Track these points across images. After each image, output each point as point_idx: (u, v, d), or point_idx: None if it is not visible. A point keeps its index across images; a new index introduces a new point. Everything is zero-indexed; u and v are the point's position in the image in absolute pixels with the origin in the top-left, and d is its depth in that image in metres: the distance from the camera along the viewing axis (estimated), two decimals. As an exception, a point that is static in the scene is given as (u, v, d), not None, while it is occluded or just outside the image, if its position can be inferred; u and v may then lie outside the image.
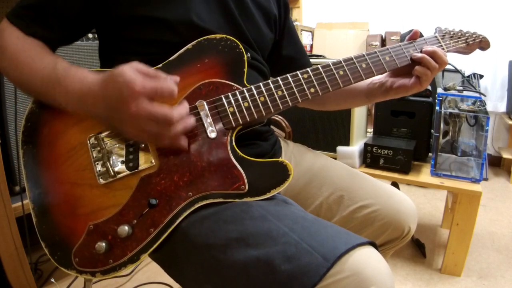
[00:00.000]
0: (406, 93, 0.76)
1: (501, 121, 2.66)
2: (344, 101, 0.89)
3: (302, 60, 0.91)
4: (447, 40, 0.79)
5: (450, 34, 0.80)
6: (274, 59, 0.87)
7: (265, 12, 0.79)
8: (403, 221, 0.76)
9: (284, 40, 0.88)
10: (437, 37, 0.78)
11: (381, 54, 0.71)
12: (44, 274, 1.39)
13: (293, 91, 0.65)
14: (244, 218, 0.55)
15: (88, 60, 1.33)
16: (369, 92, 0.82)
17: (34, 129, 0.61)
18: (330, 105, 0.93)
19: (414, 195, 2.21)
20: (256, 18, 0.76)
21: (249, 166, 0.60)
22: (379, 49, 0.72)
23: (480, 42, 0.83)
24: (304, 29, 2.69)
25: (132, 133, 0.55)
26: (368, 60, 0.70)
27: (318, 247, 0.49)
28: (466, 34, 0.82)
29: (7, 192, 1.10)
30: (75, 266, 0.55)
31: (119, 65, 0.53)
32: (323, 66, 0.67)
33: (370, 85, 0.81)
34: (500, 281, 1.40)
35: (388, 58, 0.71)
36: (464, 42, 0.81)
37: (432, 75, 0.72)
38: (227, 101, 0.63)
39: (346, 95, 0.87)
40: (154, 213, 0.57)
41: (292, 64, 0.90)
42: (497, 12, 2.42)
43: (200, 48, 0.65)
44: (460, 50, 0.82)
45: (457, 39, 0.80)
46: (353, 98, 0.86)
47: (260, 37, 0.77)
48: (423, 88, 0.74)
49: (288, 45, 0.89)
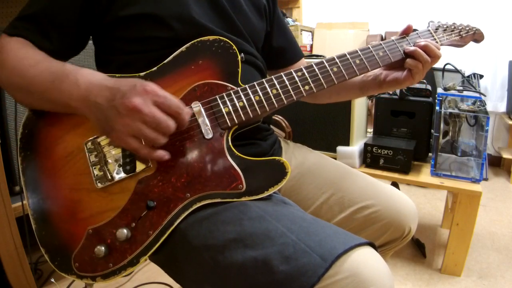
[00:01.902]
0: (399, 86, 0.76)
1: (501, 121, 2.66)
2: (337, 94, 0.89)
3: (293, 50, 0.92)
4: (440, 34, 0.79)
5: (443, 27, 0.80)
6: (266, 51, 0.87)
7: (255, 2, 0.79)
8: (403, 221, 0.76)
9: (274, 30, 0.88)
10: (430, 30, 0.78)
11: (374, 50, 0.71)
12: (44, 274, 1.39)
13: (288, 89, 0.65)
14: (242, 219, 0.55)
15: (88, 60, 1.32)
16: (363, 85, 0.82)
17: (32, 135, 0.62)
18: (323, 98, 0.93)
19: (414, 195, 2.21)
20: (247, 9, 0.76)
21: (246, 165, 0.60)
22: (372, 45, 0.72)
23: (474, 34, 0.84)
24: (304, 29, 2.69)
25: (121, 131, 0.53)
26: (362, 56, 0.70)
27: (316, 248, 0.49)
28: (459, 27, 0.82)
29: (7, 192, 1.10)
30: (76, 271, 0.55)
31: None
32: (317, 64, 0.67)
33: (364, 77, 0.81)
34: (500, 281, 1.40)
35: (381, 53, 0.72)
36: (458, 35, 0.81)
37: (425, 68, 0.72)
38: (222, 101, 0.63)
39: (339, 88, 0.87)
40: (153, 215, 0.57)
41: (284, 54, 0.90)
42: (497, 12, 2.42)
43: (194, 50, 0.65)
44: (454, 43, 0.82)
45: (450, 32, 0.80)
46: (346, 91, 0.87)
47: (252, 29, 0.77)
48: (415, 82, 0.74)
49: (278, 36, 0.89)
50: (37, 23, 0.63)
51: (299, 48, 0.93)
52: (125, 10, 0.64)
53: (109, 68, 0.68)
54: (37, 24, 0.63)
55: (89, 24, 0.67)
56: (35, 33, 0.63)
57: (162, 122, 0.52)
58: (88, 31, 0.69)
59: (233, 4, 0.74)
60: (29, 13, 0.64)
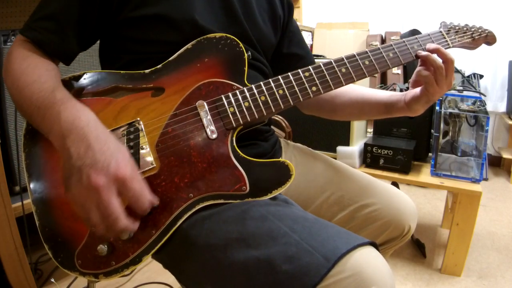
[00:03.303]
0: (419, 103, 0.72)
1: (501, 121, 2.66)
2: (359, 111, 0.82)
3: (308, 59, 0.89)
4: (452, 35, 0.77)
5: (455, 29, 0.78)
6: (276, 59, 0.86)
7: (271, 13, 0.78)
8: (403, 220, 0.76)
9: (285, 39, 0.87)
10: (442, 32, 0.76)
11: (384, 51, 0.69)
12: (44, 274, 1.39)
13: (295, 90, 0.64)
14: (245, 218, 0.55)
15: (88, 60, 1.33)
16: (390, 104, 0.77)
17: (36, 132, 0.61)
18: (342, 114, 0.87)
19: (414, 195, 2.21)
20: (261, 19, 0.76)
21: (250, 166, 0.60)
22: (382, 46, 0.70)
23: (486, 37, 0.81)
24: (304, 29, 2.69)
25: (75, 195, 0.49)
26: (371, 56, 0.68)
27: (318, 247, 0.49)
28: (472, 29, 0.79)
29: (7, 192, 1.09)
30: (78, 268, 0.55)
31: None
32: (325, 64, 0.66)
33: (391, 96, 0.77)
34: (500, 281, 1.40)
35: (392, 55, 0.70)
36: (470, 37, 0.78)
37: (438, 76, 0.67)
38: (228, 101, 0.62)
39: (363, 103, 0.81)
40: (155, 215, 0.56)
41: (295, 62, 0.87)
42: (497, 12, 2.42)
43: (200, 48, 0.65)
44: (466, 45, 0.79)
45: (462, 34, 0.78)
46: (370, 107, 0.81)
47: (263, 38, 0.76)
48: (433, 95, 0.69)
49: (291, 45, 0.87)
50: (56, 21, 0.62)
51: (312, 58, 0.91)
52: (139, 11, 0.64)
53: (115, 66, 0.67)
54: (56, 22, 0.62)
55: (105, 22, 0.66)
56: (53, 33, 0.62)
57: (111, 216, 0.48)
58: (102, 29, 0.68)
59: (247, 12, 0.73)
60: (48, 13, 0.62)
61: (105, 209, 0.47)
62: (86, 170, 0.48)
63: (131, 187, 0.49)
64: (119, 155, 0.50)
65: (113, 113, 0.61)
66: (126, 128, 0.60)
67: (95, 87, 0.63)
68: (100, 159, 0.48)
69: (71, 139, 0.50)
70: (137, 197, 0.50)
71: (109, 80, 0.63)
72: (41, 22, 0.62)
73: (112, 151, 0.50)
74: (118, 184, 0.48)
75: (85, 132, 0.51)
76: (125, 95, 0.63)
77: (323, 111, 0.90)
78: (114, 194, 0.48)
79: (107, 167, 0.48)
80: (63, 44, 0.64)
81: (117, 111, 0.61)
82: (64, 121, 0.52)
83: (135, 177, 0.50)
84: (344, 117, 0.89)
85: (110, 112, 0.61)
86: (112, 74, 0.64)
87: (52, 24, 0.62)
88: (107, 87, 0.63)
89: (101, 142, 0.50)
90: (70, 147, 0.50)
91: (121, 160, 0.50)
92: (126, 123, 0.60)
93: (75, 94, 0.62)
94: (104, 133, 0.52)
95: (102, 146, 0.50)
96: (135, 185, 0.50)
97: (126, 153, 0.52)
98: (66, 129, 0.51)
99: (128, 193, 0.49)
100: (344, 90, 0.83)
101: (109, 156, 0.49)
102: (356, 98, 0.81)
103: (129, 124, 0.60)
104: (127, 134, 0.60)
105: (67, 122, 0.52)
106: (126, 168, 0.49)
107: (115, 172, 0.48)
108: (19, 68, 0.59)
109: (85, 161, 0.48)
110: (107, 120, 0.60)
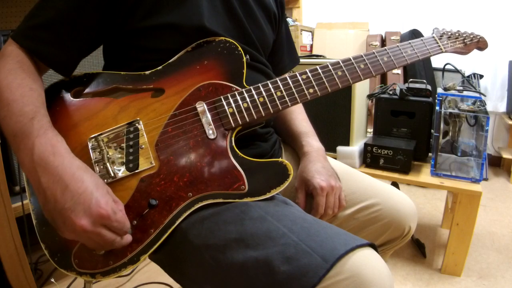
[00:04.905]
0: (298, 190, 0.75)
1: (501, 121, 2.66)
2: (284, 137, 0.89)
3: (291, 58, 0.91)
4: (444, 41, 0.80)
5: (448, 34, 0.81)
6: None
7: (267, 11, 0.79)
8: (403, 220, 0.77)
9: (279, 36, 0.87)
10: (434, 37, 0.79)
11: (379, 55, 0.72)
12: (44, 274, 1.39)
13: (292, 92, 0.65)
14: (244, 219, 0.55)
15: (88, 60, 1.32)
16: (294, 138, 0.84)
17: None
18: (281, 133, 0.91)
19: (414, 195, 2.21)
20: (260, 18, 0.76)
21: (249, 166, 0.60)
22: (377, 50, 0.72)
23: (478, 42, 0.85)
24: (304, 29, 2.69)
25: (69, 236, 0.50)
26: (367, 60, 0.71)
27: (317, 248, 0.49)
28: (464, 35, 0.83)
29: (7, 192, 1.09)
30: (75, 268, 0.55)
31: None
32: (322, 67, 0.68)
33: (302, 148, 0.81)
34: (500, 281, 1.40)
35: (386, 59, 0.72)
36: (462, 43, 0.82)
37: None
38: (226, 102, 0.63)
39: (286, 134, 0.88)
40: (154, 214, 0.57)
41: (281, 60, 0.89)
42: (497, 12, 2.42)
43: (200, 50, 0.66)
44: (458, 50, 0.83)
45: (454, 39, 0.81)
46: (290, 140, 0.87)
47: (263, 37, 0.77)
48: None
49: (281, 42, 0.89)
50: (54, 32, 0.59)
51: (297, 55, 0.93)
52: (147, 21, 0.63)
53: (119, 69, 0.67)
54: (54, 33, 0.59)
55: (106, 32, 0.65)
56: (50, 45, 0.60)
57: (109, 244, 0.51)
58: (102, 39, 0.68)
59: (247, 12, 0.73)
60: (45, 20, 0.59)
61: (101, 241, 0.50)
62: (68, 215, 0.48)
63: (114, 220, 0.50)
64: (97, 193, 0.50)
65: (113, 113, 0.62)
66: (126, 128, 0.60)
67: (95, 88, 0.64)
68: (79, 201, 0.48)
69: (46, 179, 0.49)
70: (121, 227, 0.51)
71: (110, 81, 0.64)
72: (38, 31, 0.59)
73: (90, 189, 0.50)
74: (102, 221, 0.49)
75: (59, 172, 0.49)
76: (125, 95, 0.63)
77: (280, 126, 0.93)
78: (102, 227, 0.50)
79: (89, 209, 0.49)
80: (63, 56, 0.62)
81: (117, 111, 0.62)
82: (38, 157, 0.50)
83: (116, 212, 0.51)
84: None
85: (110, 111, 0.62)
86: (113, 75, 0.65)
87: (50, 35, 0.60)
88: (107, 88, 0.64)
89: (78, 182, 0.50)
90: (45, 190, 0.49)
91: (100, 197, 0.50)
92: (126, 123, 0.61)
93: (76, 94, 0.62)
94: (80, 168, 0.52)
95: (80, 186, 0.49)
96: (118, 217, 0.51)
97: (104, 188, 0.52)
98: (39, 165, 0.50)
99: (111, 225, 0.50)
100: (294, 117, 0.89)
101: (89, 195, 0.49)
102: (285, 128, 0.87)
103: (129, 123, 0.61)
104: (126, 133, 0.60)
105: (41, 159, 0.50)
106: (107, 206, 0.50)
107: (97, 212, 0.49)
108: (4, 80, 0.56)
109: (64, 205, 0.48)
110: (107, 120, 0.61)
